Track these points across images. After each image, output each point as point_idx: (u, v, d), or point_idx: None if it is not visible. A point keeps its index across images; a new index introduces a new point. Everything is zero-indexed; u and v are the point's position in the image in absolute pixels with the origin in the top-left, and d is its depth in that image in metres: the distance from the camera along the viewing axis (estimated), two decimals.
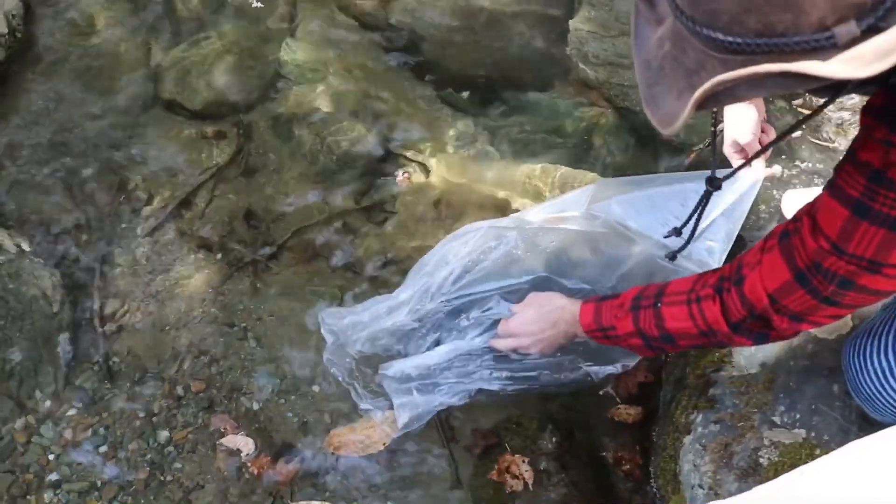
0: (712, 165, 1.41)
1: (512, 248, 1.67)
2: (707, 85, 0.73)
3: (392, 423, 1.75)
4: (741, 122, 1.57)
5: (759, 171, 1.64)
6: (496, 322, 1.66)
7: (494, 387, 1.68)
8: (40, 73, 2.43)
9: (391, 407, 1.71)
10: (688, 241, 1.52)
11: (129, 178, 2.22)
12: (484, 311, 1.68)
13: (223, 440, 1.80)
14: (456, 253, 1.69)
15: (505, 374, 1.68)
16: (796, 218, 1.11)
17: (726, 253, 1.65)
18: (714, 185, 1.39)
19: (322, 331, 1.76)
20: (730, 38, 0.71)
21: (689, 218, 1.49)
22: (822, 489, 0.95)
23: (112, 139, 2.30)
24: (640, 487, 1.75)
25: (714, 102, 0.76)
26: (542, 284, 1.68)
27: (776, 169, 1.74)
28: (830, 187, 1.01)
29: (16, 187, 2.17)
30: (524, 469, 1.73)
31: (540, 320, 1.55)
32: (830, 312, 1.13)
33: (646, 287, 1.39)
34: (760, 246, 1.18)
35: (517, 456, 1.75)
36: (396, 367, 1.68)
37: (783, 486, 0.99)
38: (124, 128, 2.31)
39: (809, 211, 1.06)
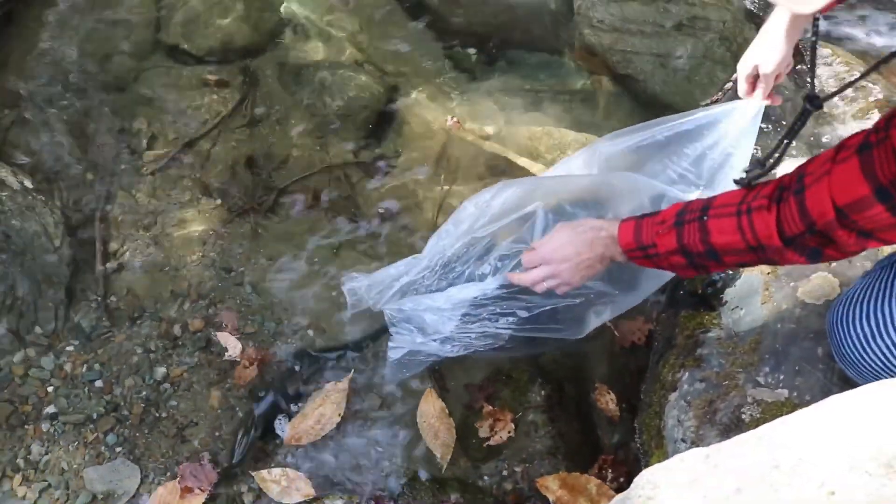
0: (811, 83, 1.32)
1: (524, 190, 1.58)
2: None
3: (341, 391, 1.75)
4: (770, 50, 1.50)
5: (758, 101, 1.58)
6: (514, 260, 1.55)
7: (501, 331, 1.60)
8: (46, 15, 2.41)
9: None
10: (774, 165, 1.33)
11: (132, 121, 2.22)
12: (504, 250, 1.58)
13: (218, 333, 1.86)
14: (470, 212, 1.63)
15: (512, 319, 1.60)
16: (877, 128, 1.02)
17: None
18: (814, 103, 1.28)
19: (344, 291, 1.72)
20: None
21: (781, 142, 1.32)
22: (802, 438, 0.97)
23: (116, 82, 2.29)
24: (625, 442, 1.79)
25: None
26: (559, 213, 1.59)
27: (777, 98, 1.62)
28: None
29: (19, 125, 2.18)
30: (506, 432, 1.75)
31: (576, 242, 1.42)
32: None
33: (690, 202, 1.30)
34: (830, 156, 1.08)
35: (512, 417, 1.77)
36: (404, 305, 1.64)
37: (764, 434, 1.01)
38: (129, 71, 2.31)
39: None
